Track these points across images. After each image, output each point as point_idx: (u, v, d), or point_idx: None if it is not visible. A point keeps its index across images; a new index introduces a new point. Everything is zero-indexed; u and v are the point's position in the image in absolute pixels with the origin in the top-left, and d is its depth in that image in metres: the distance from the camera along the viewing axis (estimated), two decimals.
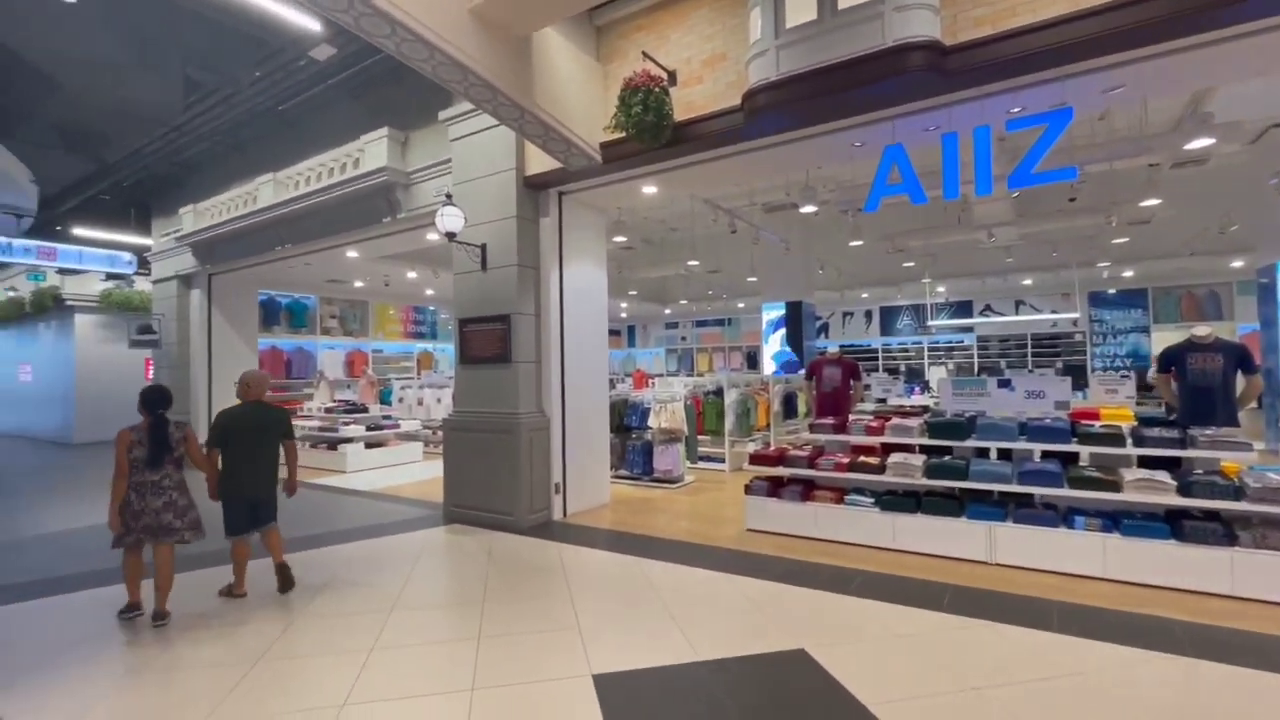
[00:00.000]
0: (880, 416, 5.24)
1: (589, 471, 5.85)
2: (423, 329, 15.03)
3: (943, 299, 12.09)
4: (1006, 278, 10.46)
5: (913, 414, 5.24)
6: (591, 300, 6.05)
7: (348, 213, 6.78)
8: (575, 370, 5.75)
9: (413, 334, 14.76)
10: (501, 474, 5.33)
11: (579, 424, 5.76)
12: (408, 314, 14.68)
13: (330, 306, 13.00)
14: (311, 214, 7.29)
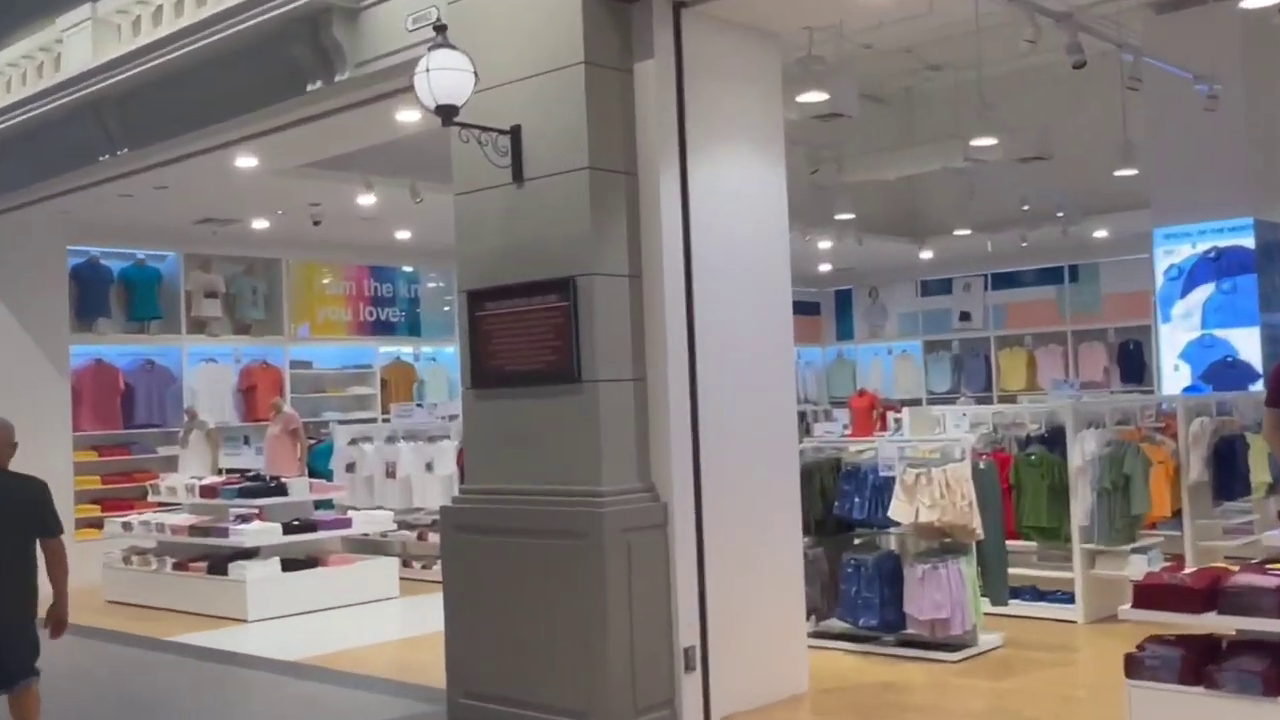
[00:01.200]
0: None
1: (758, 623, 5.87)
2: (391, 315, 16.36)
3: None
4: None
5: None
6: (756, 240, 6.13)
7: (240, 76, 7.20)
8: (721, 396, 5.79)
9: (370, 327, 15.97)
10: (566, 627, 5.36)
11: (733, 515, 5.80)
12: (359, 284, 16.02)
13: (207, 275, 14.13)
14: (169, 84, 7.82)
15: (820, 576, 7.39)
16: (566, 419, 5.45)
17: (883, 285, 19.77)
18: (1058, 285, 17.60)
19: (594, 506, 5.27)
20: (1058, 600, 8.23)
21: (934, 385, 18.87)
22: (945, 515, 6.88)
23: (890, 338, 19.76)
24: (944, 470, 6.95)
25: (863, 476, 7.30)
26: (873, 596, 7.14)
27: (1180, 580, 4.88)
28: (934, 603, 6.88)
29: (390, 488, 11.70)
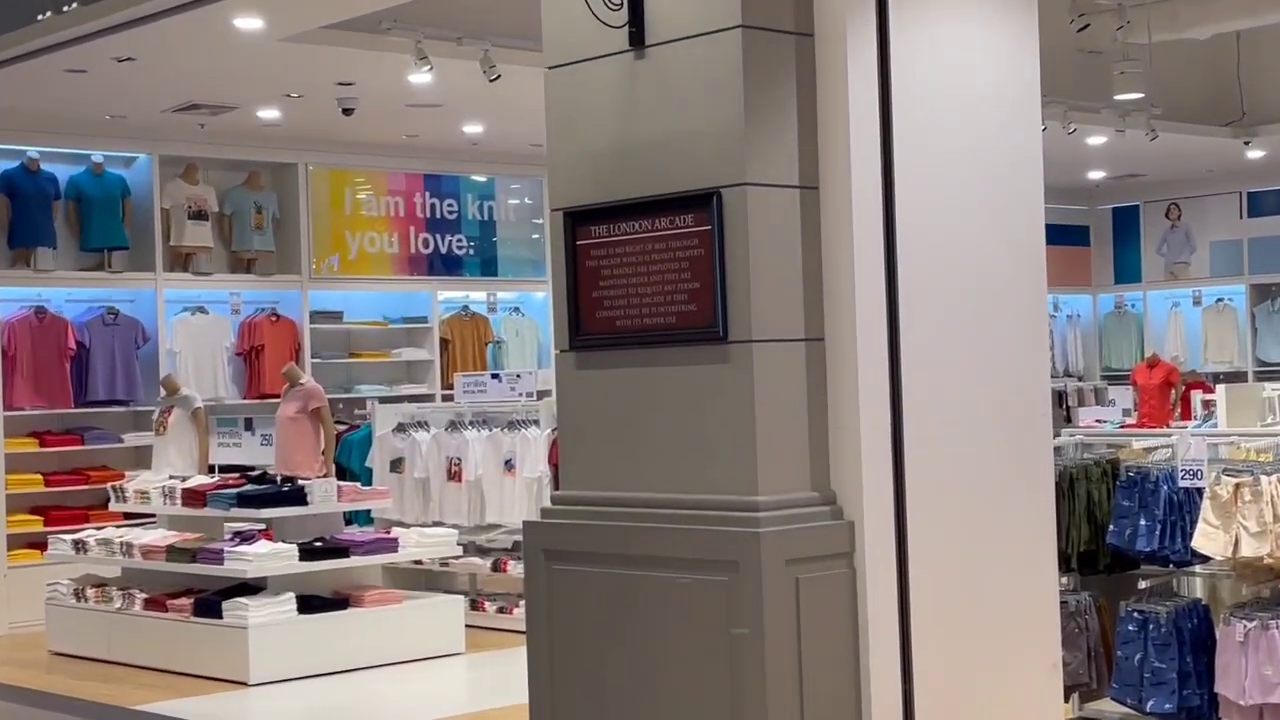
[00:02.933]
0: None
1: (991, 702, 5.82)
2: (456, 246, 16.67)
3: None
4: None
5: None
6: (990, 133, 6.01)
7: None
8: (935, 366, 5.72)
9: (426, 262, 16.36)
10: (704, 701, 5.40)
11: (952, 543, 5.74)
12: (409, 201, 16.30)
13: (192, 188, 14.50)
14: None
15: (1087, 636, 7.31)
16: (707, 396, 5.46)
17: (1187, 202, 19.36)
18: None
19: (747, 525, 5.27)
20: None
21: (1266, 352, 18.47)
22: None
23: (1199, 280, 19.36)
24: (1279, 480, 6.79)
25: (1152, 488, 7.16)
26: (1167, 668, 7.00)
27: None
28: (1263, 680, 6.73)
29: (454, 495, 11.92)
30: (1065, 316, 19.83)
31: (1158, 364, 16.13)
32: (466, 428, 12.04)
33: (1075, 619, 7.25)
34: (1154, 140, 14.79)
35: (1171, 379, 15.60)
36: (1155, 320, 19.71)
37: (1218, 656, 6.92)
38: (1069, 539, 7.35)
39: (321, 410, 12.27)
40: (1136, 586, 7.42)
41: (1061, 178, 18.29)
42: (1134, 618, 7.16)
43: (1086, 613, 7.36)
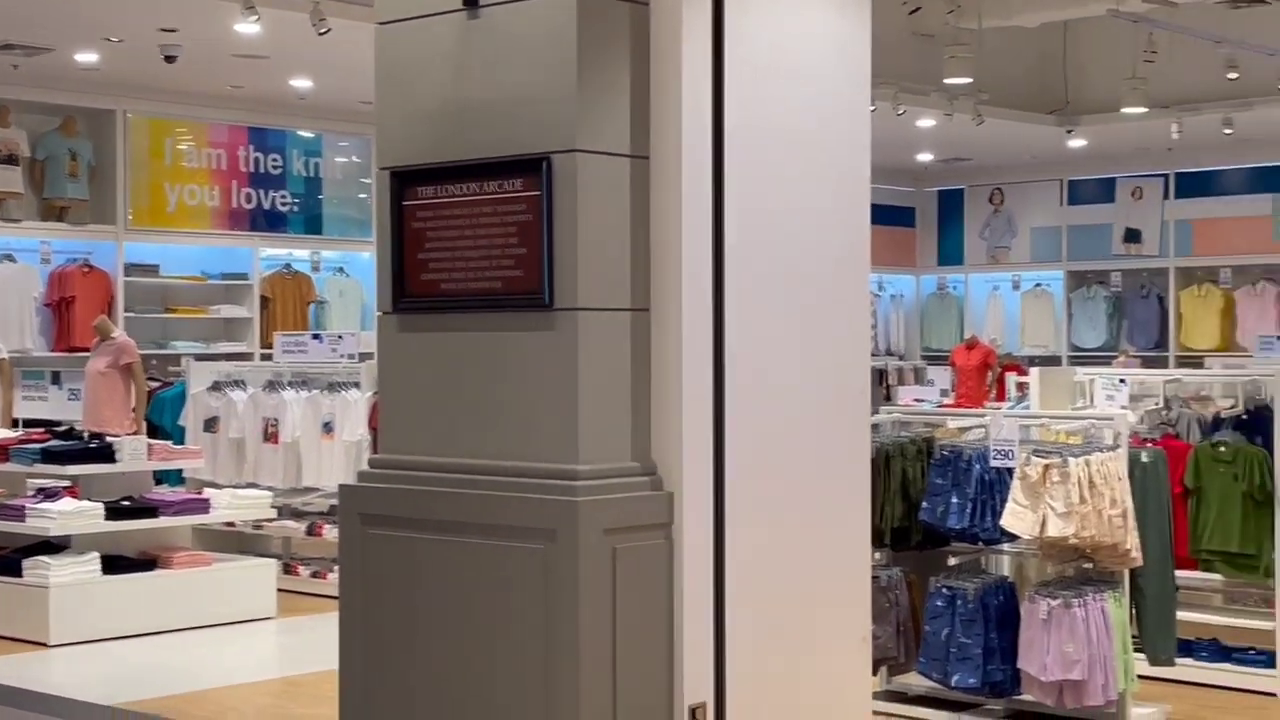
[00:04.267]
0: None
1: (800, 674, 5.93)
2: (280, 202, 16.38)
3: None
4: None
5: None
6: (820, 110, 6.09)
7: None
8: (758, 340, 5.79)
9: (248, 217, 16.07)
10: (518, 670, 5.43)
11: (769, 515, 5.82)
12: (232, 154, 16.01)
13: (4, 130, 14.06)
14: None
15: (897, 611, 7.45)
16: (531, 364, 5.46)
17: (1010, 186, 19.80)
18: (1275, 195, 17.62)
19: (566, 494, 5.28)
20: (1250, 661, 8.29)
21: (1081, 337, 18.98)
22: (1086, 529, 6.90)
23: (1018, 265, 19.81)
24: (1087, 462, 6.97)
25: (965, 467, 7.31)
26: (973, 644, 7.16)
27: None
28: (1064, 657, 6.92)
29: (270, 456, 11.77)
30: (889, 296, 20.18)
31: (976, 346, 16.49)
32: (285, 388, 11.89)
33: (886, 594, 7.38)
34: (980, 125, 15.10)
35: (989, 361, 15.97)
36: (975, 303, 20.15)
37: (1021, 633, 7.11)
38: (883, 515, 7.48)
39: (133, 366, 12.07)
40: (946, 563, 7.61)
41: (890, 159, 18.58)
42: (943, 594, 7.32)
43: (897, 588, 7.50)
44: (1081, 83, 16.10)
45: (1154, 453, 7.63)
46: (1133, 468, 7.27)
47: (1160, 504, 7.50)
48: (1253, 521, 8.10)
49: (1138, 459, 7.41)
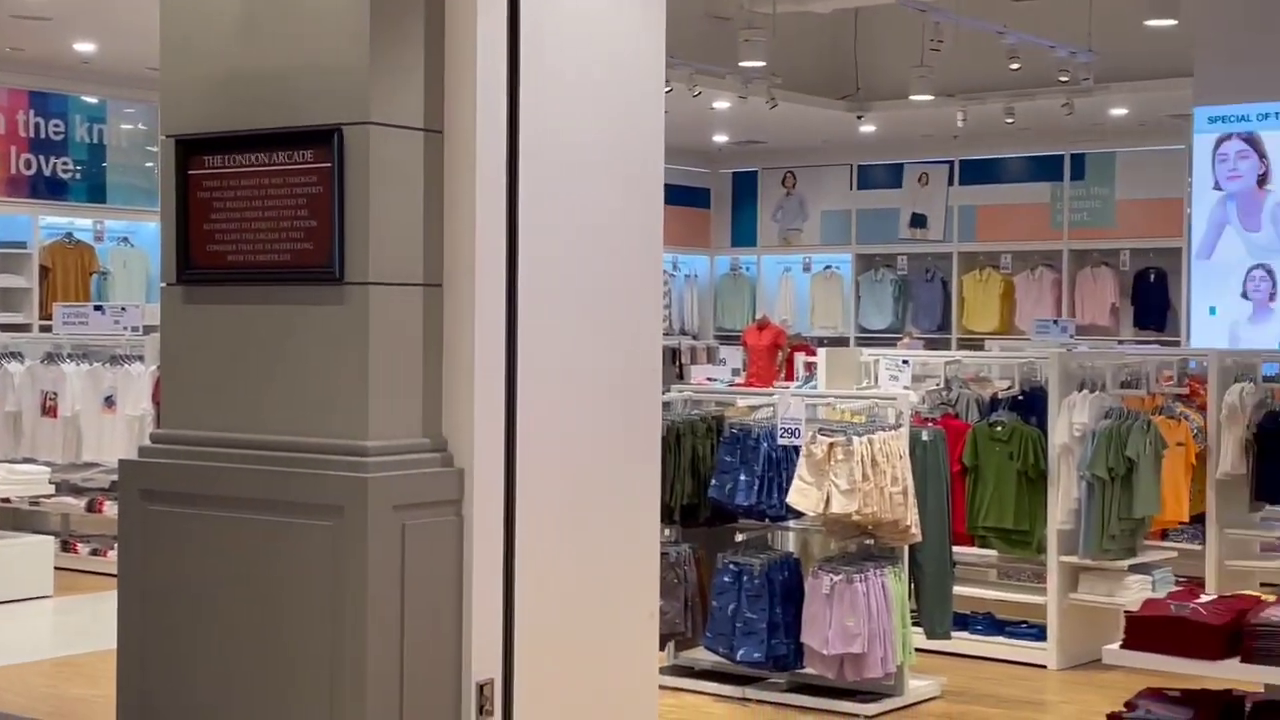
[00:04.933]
0: None
1: (589, 650, 5.97)
2: (62, 169, 15.96)
3: None
4: None
5: None
6: (614, 90, 6.14)
7: None
8: (551, 317, 5.79)
9: (27, 184, 15.65)
10: (305, 649, 5.41)
11: (560, 493, 5.84)
12: (9, 119, 15.54)
13: None
14: None
15: (685, 587, 7.52)
16: (320, 338, 5.38)
17: (802, 170, 20.08)
18: (1054, 183, 18.16)
19: (355, 469, 5.22)
20: (1023, 634, 8.55)
21: (868, 319, 19.34)
22: (868, 506, 7.05)
23: (809, 247, 20.11)
24: (869, 441, 7.12)
25: (753, 445, 7.42)
26: (758, 619, 7.28)
27: (1191, 612, 5.11)
28: (845, 631, 7.07)
29: (48, 430, 11.44)
30: (683, 276, 20.32)
31: (767, 326, 16.72)
32: (64, 361, 11.56)
33: (675, 569, 7.44)
34: (774, 109, 15.28)
35: (779, 341, 16.20)
36: (767, 284, 20.40)
37: (805, 608, 7.24)
38: (673, 492, 7.54)
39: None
40: (734, 540, 7.70)
41: (686, 140, 18.73)
42: (729, 570, 7.42)
43: (686, 564, 7.56)
44: (871, 70, 16.41)
45: (934, 432, 7.83)
46: (914, 446, 7.45)
47: (939, 482, 7.69)
48: (1026, 499, 8.35)
49: (918, 438, 7.59)
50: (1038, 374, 8.82)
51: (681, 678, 7.73)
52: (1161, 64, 14.08)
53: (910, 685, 7.48)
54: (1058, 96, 15.02)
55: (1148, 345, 15.36)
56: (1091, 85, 14.49)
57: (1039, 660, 8.34)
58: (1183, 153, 14.35)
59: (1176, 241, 16.41)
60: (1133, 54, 14.44)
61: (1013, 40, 13.92)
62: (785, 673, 7.49)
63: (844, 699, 7.33)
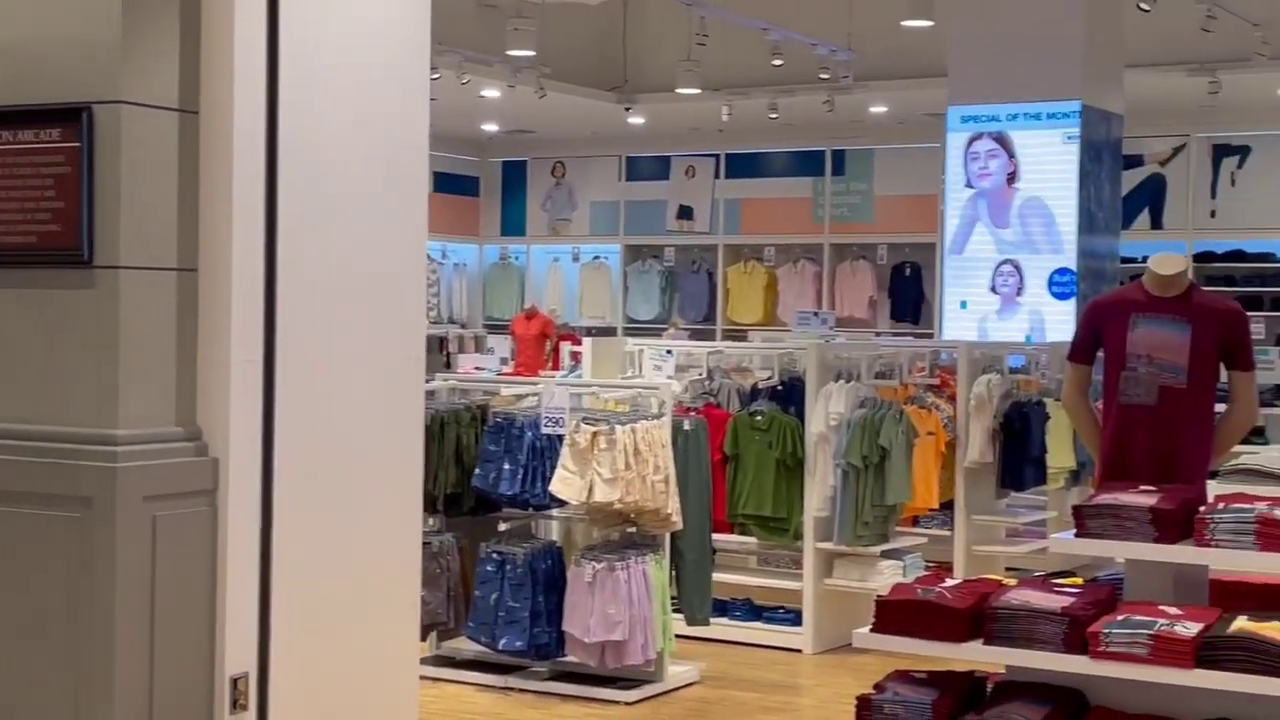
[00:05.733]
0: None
1: (348, 642, 5.91)
2: None
3: None
4: None
5: None
6: (379, 73, 6.06)
7: None
8: (312, 304, 5.71)
9: None
10: (47, 645, 5.22)
11: (319, 482, 5.78)
12: None
13: None
14: None
15: (448, 577, 7.51)
16: (68, 323, 5.24)
17: (572, 160, 20.11)
18: (815, 178, 18.50)
19: (104, 459, 5.09)
20: (780, 620, 8.73)
21: (636, 310, 19.45)
22: (630, 494, 7.10)
23: (578, 237, 20.15)
24: (633, 430, 7.17)
25: (518, 434, 7.43)
26: (520, 608, 7.31)
27: (937, 596, 5.24)
28: (606, 618, 7.11)
29: None
30: (452, 264, 20.17)
31: (535, 315, 16.69)
32: None
33: (437, 559, 7.42)
34: (543, 98, 15.25)
35: (547, 331, 16.18)
36: (536, 273, 20.38)
37: (567, 596, 7.27)
38: (436, 481, 7.51)
39: None
40: (497, 529, 7.69)
41: (455, 128, 18.60)
42: (492, 559, 7.41)
43: (448, 553, 7.55)
44: (640, 62, 16.50)
45: (696, 421, 7.92)
46: (676, 435, 7.53)
47: (700, 470, 7.79)
48: (785, 487, 8.50)
49: (681, 427, 7.67)
50: (797, 364, 8.98)
51: (443, 668, 7.70)
52: (918, 64, 14.44)
53: (670, 671, 7.56)
54: (819, 93, 15.29)
55: (903, 337, 15.75)
56: (851, 83, 14.80)
57: (795, 645, 8.51)
58: (938, 151, 14.72)
59: (931, 237, 16.87)
60: (891, 53, 14.77)
61: (776, 37, 14.12)
62: (547, 661, 7.52)
63: (605, 686, 7.38)
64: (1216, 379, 6.04)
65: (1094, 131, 12.51)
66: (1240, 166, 16.59)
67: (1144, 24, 13.27)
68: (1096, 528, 5.17)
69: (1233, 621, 4.78)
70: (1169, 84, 14.37)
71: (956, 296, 12.99)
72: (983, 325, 12.62)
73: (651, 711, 7.25)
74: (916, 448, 8.69)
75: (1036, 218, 12.47)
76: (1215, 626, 4.78)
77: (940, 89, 13.20)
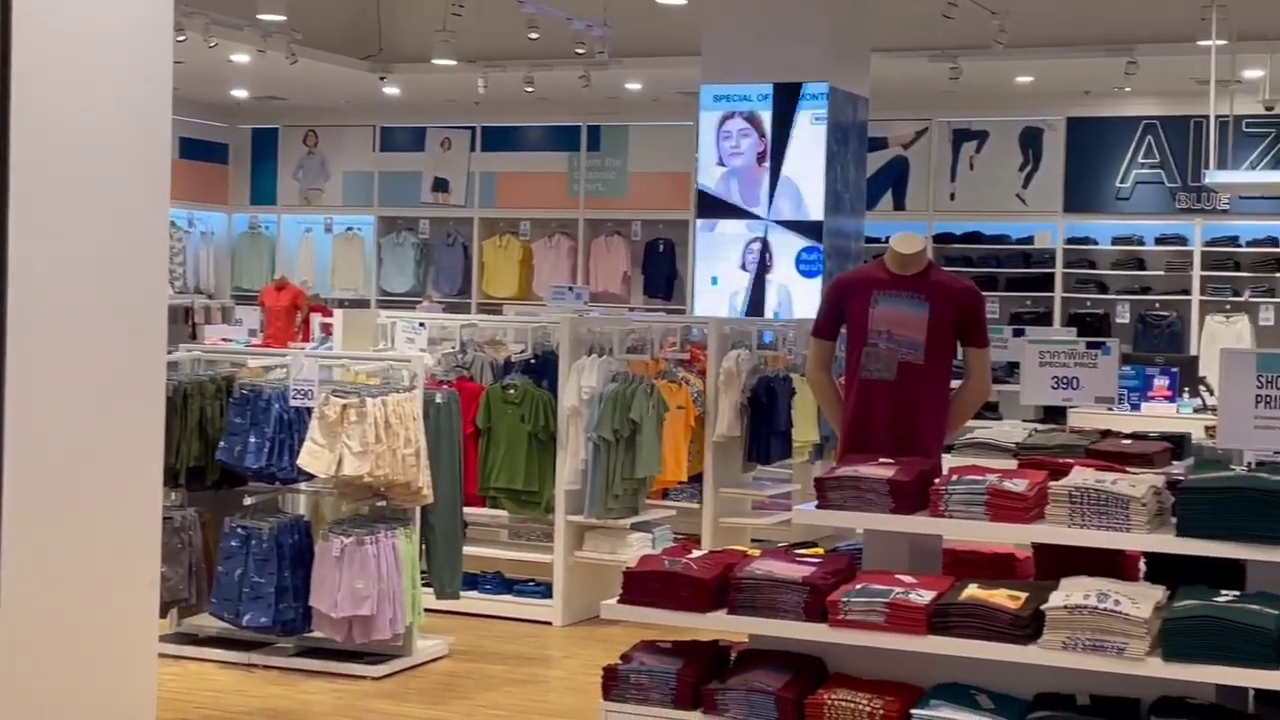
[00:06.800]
0: (1042, 461, 5.74)
1: (83, 619, 5.72)
2: None
3: (1262, 101, 14.79)
4: None
5: (1139, 457, 5.81)
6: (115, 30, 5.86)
7: None
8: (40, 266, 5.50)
9: None
10: None
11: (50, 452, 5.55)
12: None
13: None
14: None
15: (190, 552, 7.35)
16: None
17: (325, 129, 19.81)
18: (571, 153, 18.54)
19: None
20: (530, 592, 8.75)
21: (390, 282, 19.28)
22: (380, 468, 7.03)
23: (331, 207, 19.87)
24: (383, 403, 7.09)
25: (264, 406, 7.28)
26: (266, 583, 7.18)
27: (684, 567, 5.31)
28: (354, 593, 7.04)
29: None
30: (199, 233, 19.70)
31: (286, 286, 16.39)
32: None
33: (179, 534, 7.25)
34: (294, 65, 14.96)
35: (298, 302, 15.91)
36: (287, 243, 20.02)
37: (314, 571, 7.17)
38: (179, 454, 7.34)
39: None
40: (243, 503, 7.53)
41: (203, 93, 18.17)
42: (237, 534, 7.26)
43: (191, 528, 7.38)
44: (395, 31, 16.31)
45: (448, 394, 7.86)
46: (428, 408, 7.47)
47: (452, 444, 7.75)
48: (537, 460, 8.52)
49: (433, 400, 7.61)
50: (550, 339, 8.99)
51: (184, 645, 7.53)
52: (673, 42, 14.56)
53: (419, 645, 7.51)
54: (575, 69, 15.30)
55: (656, 313, 15.90)
56: (607, 59, 14.83)
57: (545, 617, 8.53)
58: (691, 129, 14.88)
59: (684, 214, 17.08)
60: (646, 31, 14.86)
61: (531, 10, 14.08)
62: (293, 637, 7.41)
63: (352, 661, 7.32)
64: (953, 355, 6.22)
65: (841, 113, 12.80)
66: (979, 151, 17.17)
67: (889, 9, 13.65)
68: (837, 499, 5.30)
69: (964, 589, 4.93)
70: (912, 69, 14.77)
71: (708, 273, 13.17)
72: (733, 301, 12.83)
73: (399, 686, 7.19)
74: (667, 422, 8.77)
75: (785, 197, 12.71)
76: (947, 594, 4.93)
77: (694, 68, 13.35)
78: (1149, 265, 16.65)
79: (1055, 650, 4.63)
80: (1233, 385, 5.30)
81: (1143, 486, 4.90)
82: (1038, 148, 16.94)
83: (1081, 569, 4.98)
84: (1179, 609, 4.62)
